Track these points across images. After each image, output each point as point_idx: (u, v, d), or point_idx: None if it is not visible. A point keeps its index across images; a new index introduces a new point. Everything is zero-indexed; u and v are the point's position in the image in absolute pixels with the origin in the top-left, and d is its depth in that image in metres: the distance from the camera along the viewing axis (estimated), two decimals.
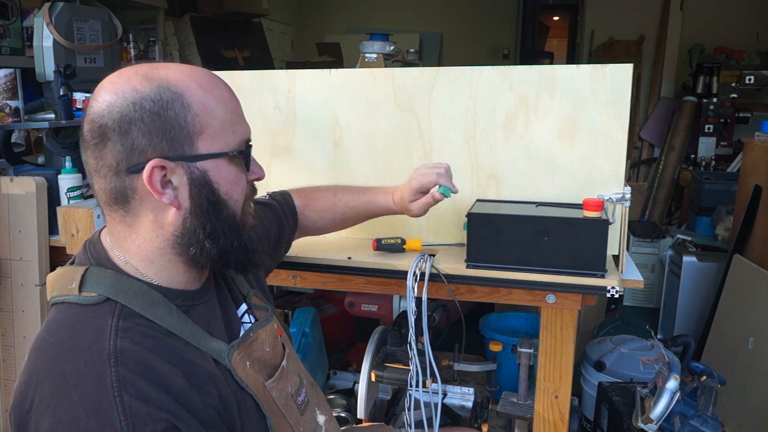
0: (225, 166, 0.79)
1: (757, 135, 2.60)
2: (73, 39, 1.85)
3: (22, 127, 1.92)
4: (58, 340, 0.72)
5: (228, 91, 0.82)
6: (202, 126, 0.76)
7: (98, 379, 0.67)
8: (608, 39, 5.12)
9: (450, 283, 1.37)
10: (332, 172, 1.67)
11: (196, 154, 0.76)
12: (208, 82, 0.80)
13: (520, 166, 1.54)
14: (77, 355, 0.69)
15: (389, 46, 2.58)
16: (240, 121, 0.82)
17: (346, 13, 6.08)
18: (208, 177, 0.77)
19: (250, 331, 0.89)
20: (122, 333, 0.71)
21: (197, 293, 0.85)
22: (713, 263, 2.83)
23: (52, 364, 0.70)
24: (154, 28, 3.56)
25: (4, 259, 1.70)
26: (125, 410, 0.65)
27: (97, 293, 0.75)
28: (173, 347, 0.75)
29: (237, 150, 0.80)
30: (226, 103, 0.80)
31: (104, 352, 0.69)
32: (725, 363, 2.27)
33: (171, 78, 0.77)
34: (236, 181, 0.81)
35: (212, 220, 0.79)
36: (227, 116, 0.79)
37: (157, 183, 0.75)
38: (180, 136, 0.75)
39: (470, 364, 2.08)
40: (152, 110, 0.74)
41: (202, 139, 0.77)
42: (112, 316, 0.73)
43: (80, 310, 0.74)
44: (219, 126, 0.78)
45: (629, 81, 1.44)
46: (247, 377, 0.83)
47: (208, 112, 0.77)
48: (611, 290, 1.28)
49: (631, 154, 4.86)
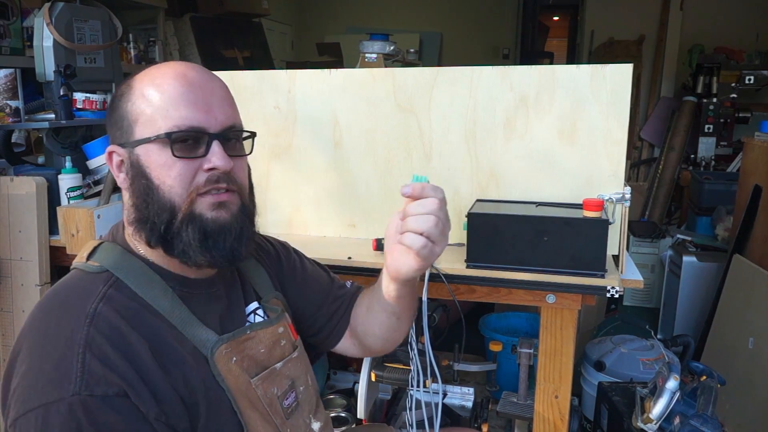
0: (155, 151, 0.81)
1: (757, 135, 2.60)
2: (73, 39, 1.85)
3: (22, 127, 1.92)
4: (54, 298, 0.81)
5: (181, 82, 0.82)
6: (137, 114, 0.82)
7: (70, 335, 0.73)
8: (608, 39, 5.12)
9: (450, 283, 1.37)
10: (332, 172, 1.67)
11: (132, 140, 0.82)
12: (164, 74, 0.82)
13: (520, 166, 1.54)
14: (62, 312, 0.77)
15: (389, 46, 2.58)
16: (179, 107, 0.80)
17: (345, 13, 6.08)
18: (141, 161, 0.82)
19: (248, 329, 0.90)
20: (106, 300, 0.78)
21: (197, 282, 0.88)
22: (713, 263, 2.83)
23: (42, 317, 0.78)
24: (154, 28, 3.56)
25: (4, 259, 1.70)
26: (83, 367, 0.71)
27: (100, 264, 0.82)
28: (151, 324, 0.79)
29: (163, 134, 0.80)
30: (170, 91, 0.81)
31: (84, 312, 0.75)
32: (725, 363, 2.27)
33: (140, 73, 0.85)
34: (166, 165, 0.81)
35: (146, 202, 0.82)
36: (163, 104, 0.81)
37: (114, 167, 0.86)
38: (125, 124, 0.83)
39: (470, 364, 2.08)
40: (112, 103, 0.86)
41: (137, 125, 0.82)
42: (104, 285, 0.80)
43: (82, 275, 0.83)
44: (151, 113, 0.81)
45: (629, 81, 1.44)
46: (228, 372, 0.84)
47: (144, 101, 0.82)
48: (611, 290, 1.28)
49: (631, 154, 4.86)
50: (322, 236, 1.72)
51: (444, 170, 1.59)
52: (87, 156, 1.85)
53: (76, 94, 1.86)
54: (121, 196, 0.88)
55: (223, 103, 0.85)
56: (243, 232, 0.85)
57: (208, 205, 0.82)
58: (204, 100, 0.82)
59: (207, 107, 0.82)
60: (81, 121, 1.84)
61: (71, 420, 0.69)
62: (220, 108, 0.84)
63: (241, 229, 0.85)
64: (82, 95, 1.88)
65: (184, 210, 0.81)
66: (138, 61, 3.33)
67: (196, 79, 0.83)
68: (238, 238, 0.85)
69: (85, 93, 1.89)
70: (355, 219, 1.69)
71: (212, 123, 0.82)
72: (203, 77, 0.84)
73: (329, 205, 1.70)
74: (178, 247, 0.82)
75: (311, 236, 1.71)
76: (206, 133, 0.82)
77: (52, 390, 0.70)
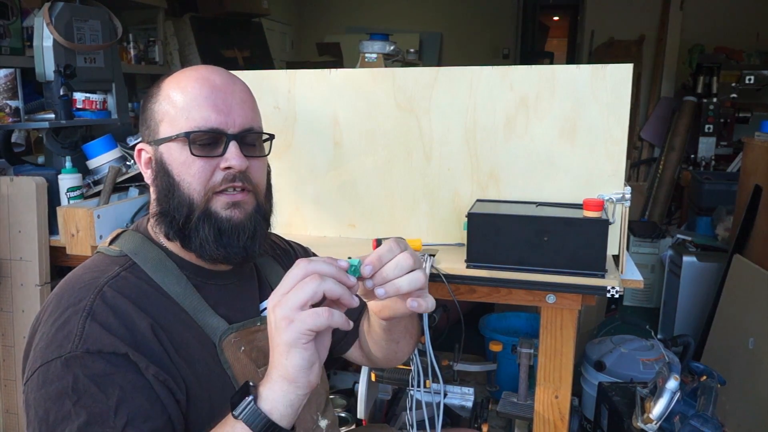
0: (176, 149, 0.86)
1: (757, 135, 2.60)
2: (73, 39, 1.85)
3: (22, 127, 1.92)
4: (73, 275, 0.86)
5: (204, 85, 0.86)
6: (163, 114, 0.87)
7: (78, 304, 0.79)
8: (608, 39, 5.12)
9: (450, 283, 1.37)
10: (332, 171, 1.67)
11: (157, 138, 0.87)
12: (188, 78, 0.87)
13: (520, 166, 1.54)
14: (78, 285, 0.82)
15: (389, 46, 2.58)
16: (201, 109, 0.85)
17: (345, 13, 6.08)
18: (164, 158, 0.87)
19: (259, 320, 0.93)
20: (119, 279, 0.83)
21: (212, 273, 0.91)
22: (713, 263, 2.83)
23: (59, 292, 0.83)
24: (154, 28, 3.56)
25: (4, 259, 1.70)
26: (83, 330, 0.76)
27: (120, 249, 0.89)
28: (160, 305, 0.84)
29: (183, 134, 0.84)
30: (193, 93, 0.85)
31: (96, 287, 0.81)
32: (725, 363, 2.27)
33: (170, 76, 0.90)
34: (186, 164, 0.85)
35: (167, 198, 0.87)
36: (186, 105, 0.85)
37: (141, 163, 0.91)
38: (152, 124, 0.89)
39: (470, 364, 2.08)
40: (143, 104, 0.91)
41: (162, 125, 0.87)
42: (120, 266, 0.85)
43: (102, 258, 0.89)
44: (175, 113, 0.86)
45: (629, 81, 1.44)
46: (236, 360, 0.88)
47: (169, 102, 0.87)
48: (611, 290, 1.28)
49: (631, 154, 4.86)
50: (322, 236, 1.72)
51: (444, 170, 1.59)
52: (87, 156, 1.85)
53: (76, 94, 1.86)
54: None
55: (243, 105, 0.88)
56: (257, 231, 0.89)
57: (223, 204, 0.86)
58: (225, 103, 0.86)
59: (227, 110, 0.86)
60: (81, 121, 1.84)
61: (67, 373, 0.74)
62: (240, 111, 0.87)
63: (255, 228, 0.88)
64: (82, 95, 1.88)
65: (201, 207, 0.85)
66: (138, 61, 3.32)
67: (218, 83, 0.87)
68: (251, 237, 0.88)
69: (85, 93, 1.89)
70: (355, 219, 1.69)
71: (231, 125, 0.86)
72: (226, 81, 0.88)
73: (329, 205, 1.70)
74: (195, 242, 0.86)
75: (311, 236, 1.71)
76: (224, 134, 0.86)
77: (53, 350, 0.76)
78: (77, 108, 1.85)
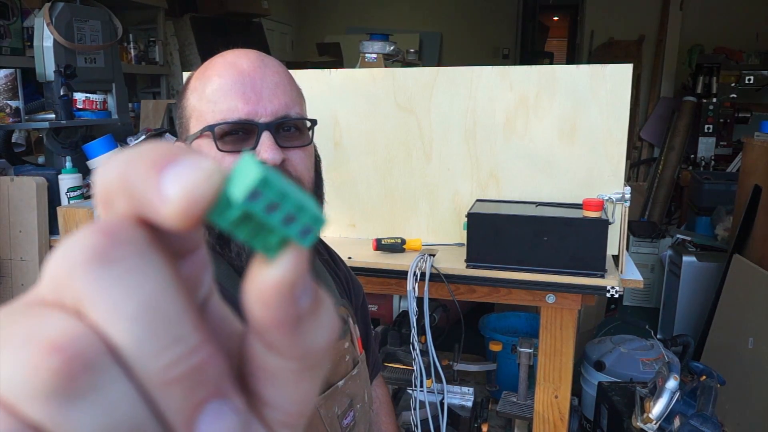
0: (205, 146, 0.77)
1: (756, 135, 2.60)
2: (73, 39, 1.85)
3: (22, 127, 1.92)
4: None
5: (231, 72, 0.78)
6: (192, 109, 0.81)
7: None
8: (608, 39, 5.13)
9: (450, 283, 1.37)
10: (332, 172, 1.67)
11: (189, 136, 0.81)
12: (215, 65, 0.79)
13: (520, 166, 1.54)
14: None
15: (389, 46, 2.58)
16: (228, 99, 0.77)
17: (345, 13, 6.08)
18: None
19: None
20: None
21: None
22: (713, 263, 2.83)
23: None
24: (154, 28, 3.56)
25: (5, 259, 1.71)
26: None
27: None
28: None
29: (207, 128, 0.77)
30: (219, 83, 0.77)
31: None
32: (725, 363, 2.27)
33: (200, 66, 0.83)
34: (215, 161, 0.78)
35: None
36: (212, 96, 0.77)
37: None
38: (183, 121, 0.83)
39: (470, 364, 2.08)
40: (176, 102, 0.87)
41: (192, 120, 0.81)
42: None
43: None
44: (201, 107, 0.79)
45: (629, 81, 1.44)
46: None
47: (196, 95, 0.80)
48: (611, 290, 1.29)
49: (631, 154, 4.86)
50: (322, 236, 1.72)
51: (444, 170, 1.59)
52: (87, 156, 1.85)
53: (76, 94, 1.86)
54: None
55: (276, 90, 0.79)
56: None
57: None
58: (253, 90, 0.77)
59: (256, 97, 0.77)
60: (81, 121, 1.84)
61: None
62: (272, 97, 0.78)
63: None
64: (82, 95, 1.88)
65: None
66: (138, 61, 3.33)
67: (246, 68, 0.78)
68: None
69: (85, 93, 1.89)
70: (355, 219, 1.69)
71: (262, 113, 0.77)
72: (255, 65, 0.78)
73: (329, 205, 1.70)
74: (234, 249, 0.79)
75: None
76: (255, 124, 0.77)
77: None
78: (77, 108, 1.86)
